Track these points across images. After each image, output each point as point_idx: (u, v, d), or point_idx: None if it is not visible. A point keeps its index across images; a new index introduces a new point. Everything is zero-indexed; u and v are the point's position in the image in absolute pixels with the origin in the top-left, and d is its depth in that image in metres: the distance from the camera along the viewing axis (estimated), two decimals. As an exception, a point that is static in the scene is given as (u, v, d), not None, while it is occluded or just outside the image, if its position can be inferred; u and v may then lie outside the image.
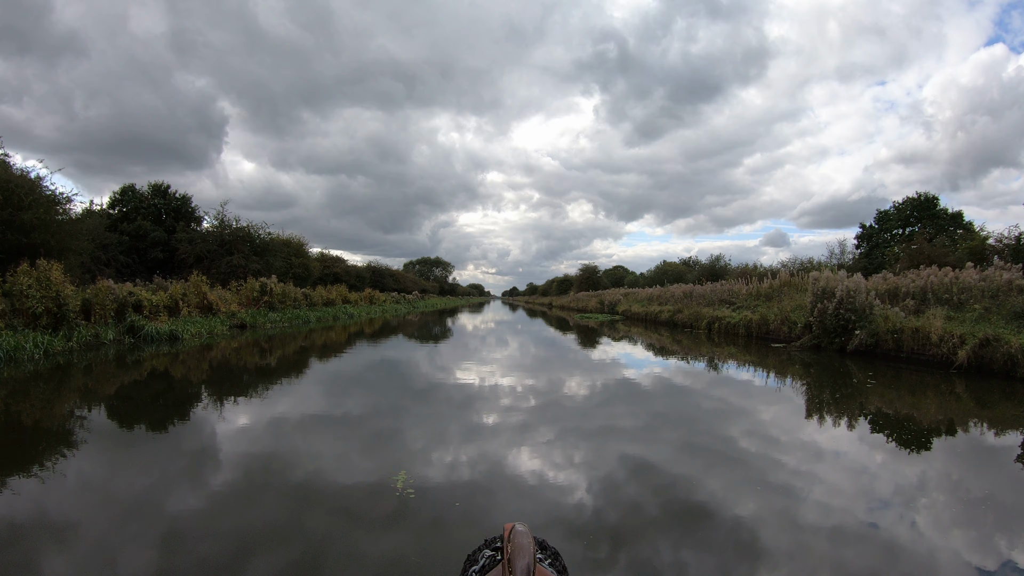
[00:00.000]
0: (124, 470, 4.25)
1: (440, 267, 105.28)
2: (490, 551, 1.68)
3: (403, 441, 5.02)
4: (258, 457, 4.47)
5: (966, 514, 3.55)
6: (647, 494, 3.74)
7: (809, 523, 3.28)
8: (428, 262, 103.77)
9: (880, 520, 3.34)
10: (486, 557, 1.66)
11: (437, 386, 8.23)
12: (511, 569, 1.24)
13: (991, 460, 4.81)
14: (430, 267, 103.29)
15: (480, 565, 1.63)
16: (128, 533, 3.05)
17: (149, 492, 3.69)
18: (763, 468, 4.32)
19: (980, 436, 5.59)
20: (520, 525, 1.36)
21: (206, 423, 5.77)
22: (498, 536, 1.72)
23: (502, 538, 1.53)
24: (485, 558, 1.66)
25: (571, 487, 3.85)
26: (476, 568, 1.63)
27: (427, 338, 18.33)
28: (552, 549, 1.78)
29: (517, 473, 4.13)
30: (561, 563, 1.72)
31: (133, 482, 3.94)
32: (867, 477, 4.23)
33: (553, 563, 1.66)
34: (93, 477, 4.06)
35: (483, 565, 1.62)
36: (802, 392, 8.10)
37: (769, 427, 5.81)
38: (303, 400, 6.98)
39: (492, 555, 1.65)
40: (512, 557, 1.27)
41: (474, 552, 1.76)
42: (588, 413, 6.32)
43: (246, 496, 3.62)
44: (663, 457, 4.60)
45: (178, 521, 3.18)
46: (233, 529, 3.11)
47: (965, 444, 5.30)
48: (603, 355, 13.46)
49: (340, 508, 3.43)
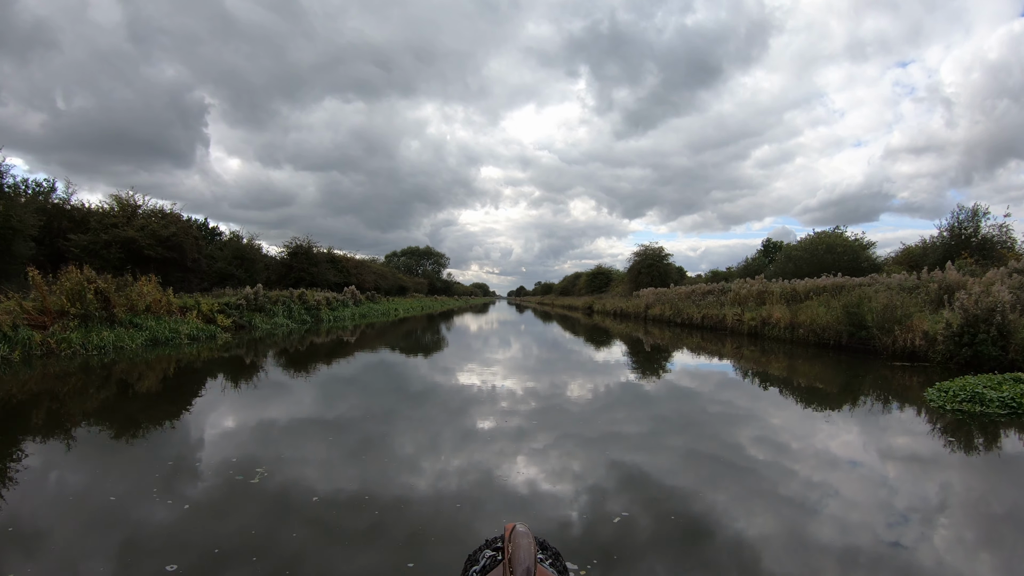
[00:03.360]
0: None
1: (431, 259, 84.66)
2: (491, 551, 1.68)
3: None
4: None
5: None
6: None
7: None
8: (417, 253, 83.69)
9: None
10: (487, 557, 1.66)
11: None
12: (512, 569, 1.25)
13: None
14: (419, 259, 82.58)
15: (481, 565, 1.63)
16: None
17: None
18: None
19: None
20: (521, 525, 1.38)
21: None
22: (499, 536, 1.73)
23: (503, 538, 1.54)
24: (486, 558, 1.65)
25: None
26: (477, 568, 1.62)
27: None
28: (553, 549, 1.79)
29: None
30: (562, 563, 1.74)
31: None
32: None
33: (554, 563, 1.67)
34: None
35: (484, 565, 1.62)
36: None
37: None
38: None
39: (493, 555, 1.65)
40: (513, 557, 1.27)
41: (475, 552, 1.75)
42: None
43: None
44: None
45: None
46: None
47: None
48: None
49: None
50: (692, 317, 24.76)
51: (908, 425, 6.43)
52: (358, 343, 17.31)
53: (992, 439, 5.77)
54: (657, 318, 29.15)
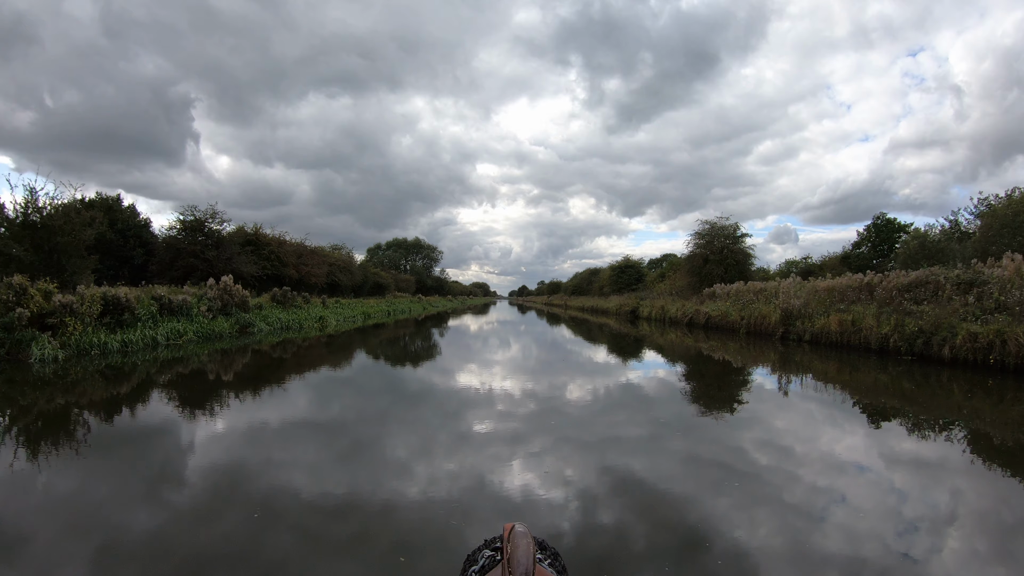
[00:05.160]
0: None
1: (422, 254, 71.48)
2: (490, 551, 1.67)
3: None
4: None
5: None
6: None
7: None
8: (403, 246, 70.53)
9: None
10: (486, 557, 1.64)
11: None
12: (511, 569, 1.25)
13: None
14: (406, 253, 69.49)
15: (480, 565, 1.61)
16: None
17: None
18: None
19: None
20: (520, 525, 1.36)
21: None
22: (498, 536, 1.71)
23: (502, 538, 1.53)
24: (485, 558, 1.64)
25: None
26: (476, 568, 1.61)
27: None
28: (552, 549, 1.76)
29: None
30: (561, 563, 1.71)
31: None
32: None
33: (553, 563, 1.65)
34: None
35: (483, 565, 1.60)
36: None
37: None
38: None
39: (492, 555, 1.63)
40: (512, 557, 1.26)
41: (474, 552, 1.73)
42: None
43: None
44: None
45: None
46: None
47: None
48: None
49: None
50: (870, 335, 11.74)
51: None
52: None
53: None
54: (789, 335, 16.04)
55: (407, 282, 59.79)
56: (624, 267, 47.31)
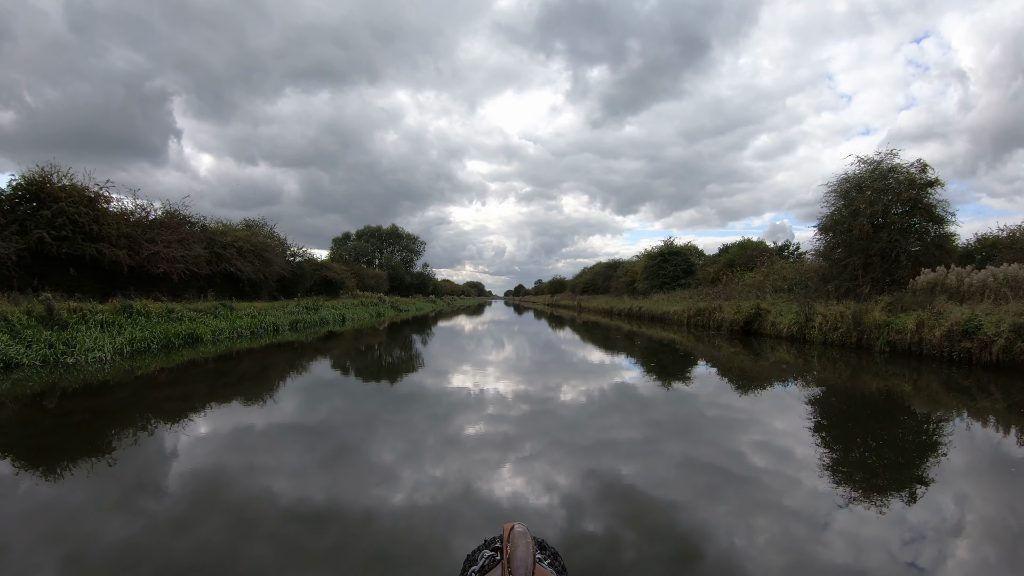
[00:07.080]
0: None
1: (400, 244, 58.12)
2: (489, 551, 1.65)
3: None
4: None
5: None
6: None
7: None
8: (376, 235, 57.02)
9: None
10: (485, 557, 1.63)
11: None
12: (510, 569, 1.23)
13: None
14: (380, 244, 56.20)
15: (480, 565, 1.60)
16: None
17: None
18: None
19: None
20: (519, 525, 1.34)
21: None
22: (497, 536, 1.69)
23: (501, 538, 1.52)
24: (484, 558, 1.63)
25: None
26: (476, 568, 1.60)
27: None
28: (551, 549, 1.74)
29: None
30: (560, 563, 1.69)
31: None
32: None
33: (552, 563, 1.63)
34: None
35: (483, 565, 1.59)
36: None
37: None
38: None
39: (492, 555, 1.62)
40: (512, 557, 1.24)
41: (474, 552, 1.72)
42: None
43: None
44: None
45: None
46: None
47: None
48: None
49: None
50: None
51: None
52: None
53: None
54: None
55: (376, 279, 46.59)
56: (667, 254, 34.26)
